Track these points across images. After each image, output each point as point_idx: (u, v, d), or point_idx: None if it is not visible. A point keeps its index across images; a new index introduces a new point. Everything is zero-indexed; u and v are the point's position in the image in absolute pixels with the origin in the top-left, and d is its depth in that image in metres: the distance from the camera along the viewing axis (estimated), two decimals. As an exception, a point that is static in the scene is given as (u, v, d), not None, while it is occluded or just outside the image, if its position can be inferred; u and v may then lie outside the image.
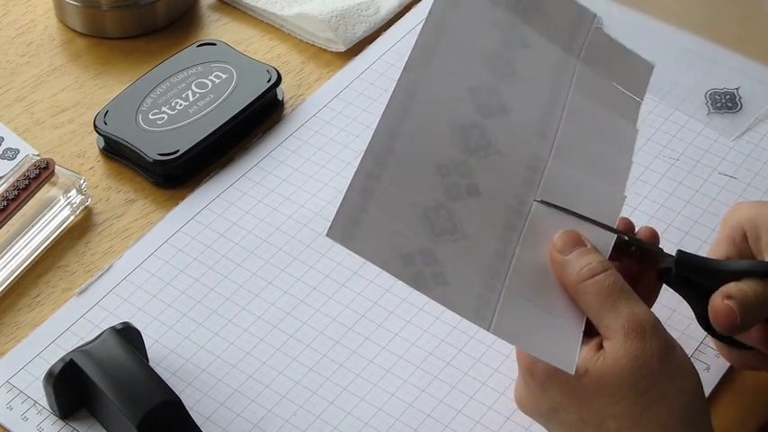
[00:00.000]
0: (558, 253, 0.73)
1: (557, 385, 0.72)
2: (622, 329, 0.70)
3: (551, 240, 0.74)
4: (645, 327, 0.70)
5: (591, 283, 0.72)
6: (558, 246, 0.74)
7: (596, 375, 0.70)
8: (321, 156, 0.96)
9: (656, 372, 0.70)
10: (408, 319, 0.86)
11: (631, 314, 0.71)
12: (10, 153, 0.96)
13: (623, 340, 0.70)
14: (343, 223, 0.71)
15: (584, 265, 0.72)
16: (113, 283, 0.88)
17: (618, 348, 0.70)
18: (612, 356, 0.70)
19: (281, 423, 0.81)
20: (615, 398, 0.70)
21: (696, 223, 0.91)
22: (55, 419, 0.81)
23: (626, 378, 0.70)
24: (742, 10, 1.09)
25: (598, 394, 0.71)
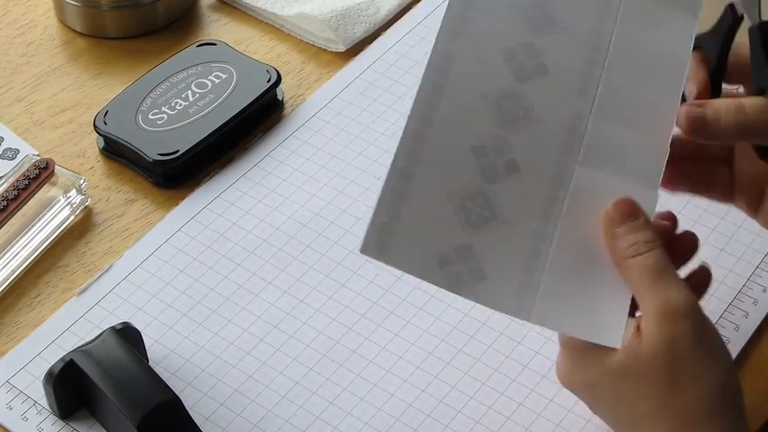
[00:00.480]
0: (610, 224, 0.73)
1: (594, 362, 0.72)
2: (657, 312, 0.71)
3: (605, 209, 0.73)
4: (678, 311, 0.71)
5: (633, 261, 0.72)
6: (611, 216, 0.74)
7: (631, 355, 0.71)
8: (321, 156, 0.96)
9: (687, 357, 0.70)
10: (408, 318, 0.86)
11: (666, 297, 0.71)
12: (10, 153, 0.96)
13: (656, 323, 0.70)
14: (375, 236, 0.70)
15: (631, 243, 0.72)
16: (113, 283, 0.88)
17: (653, 331, 0.71)
18: (647, 339, 0.71)
19: (281, 423, 0.81)
20: (647, 379, 0.71)
21: (696, 223, 0.91)
22: (55, 419, 0.81)
23: (657, 361, 0.70)
24: (742, 10, 1.08)
25: (632, 374, 0.71)
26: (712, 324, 0.72)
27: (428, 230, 0.71)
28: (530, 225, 0.73)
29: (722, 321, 0.85)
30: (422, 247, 0.71)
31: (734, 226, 0.91)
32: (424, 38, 1.05)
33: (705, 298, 0.86)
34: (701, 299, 0.77)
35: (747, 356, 0.84)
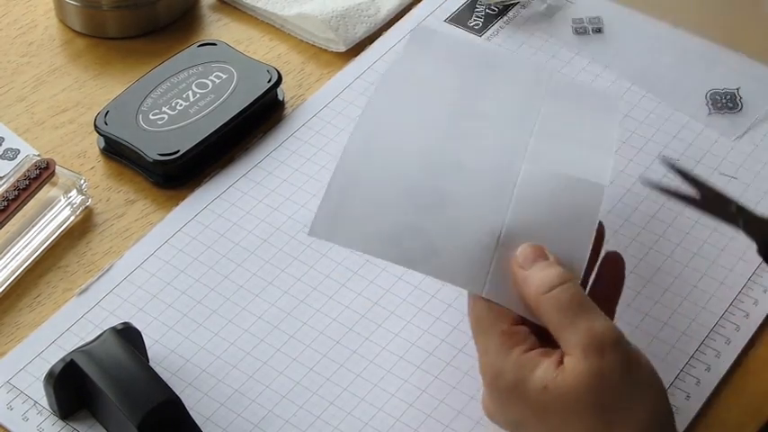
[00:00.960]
0: (520, 268, 0.73)
1: (518, 400, 0.71)
2: (580, 346, 0.69)
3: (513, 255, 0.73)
4: (603, 343, 0.69)
5: (548, 297, 0.71)
6: (520, 260, 0.73)
7: (556, 392, 0.70)
8: (321, 156, 0.96)
9: (616, 389, 0.69)
10: (408, 319, 0.86)
11: (590, 330, 0.69)
12: (10, 153, 0.96)
13: (582, 357, 0.69)
14: (324, 219, 0.73)
15: (542, 279, 0.71)
16: (114, 283, 0.88)
17: (576, 365, 0.69)
18: (572, 373, 0.69)
19: (281, 423, 0.81)
20: (575, 416, 0.69)
21: (696, 223, 0.91)
22: (55, 420, 0.81)
23: (585, 395, 0.69)
24: (742, 10, 1.09)
25: (558, 411, 0.70)
26: (638, 350, 0.71)
27: (379, 213, 0.74)
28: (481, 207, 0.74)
29: (723, 322, 0.85)
30: (373, 227, 0.73)
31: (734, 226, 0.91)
32: (425, 38, 1.05)
33: (705, 298, 0.86)
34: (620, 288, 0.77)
35: (747, 357, 0.84)
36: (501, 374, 0.71)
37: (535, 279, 0.72)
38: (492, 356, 0.72)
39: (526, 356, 0.71)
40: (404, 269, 0.88)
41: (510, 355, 0.71)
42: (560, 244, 0.74)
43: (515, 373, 0.71)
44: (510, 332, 0.72)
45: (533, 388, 0.70)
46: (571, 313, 0.70)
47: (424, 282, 0.88)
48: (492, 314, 0.73)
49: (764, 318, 0.86)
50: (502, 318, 0.73)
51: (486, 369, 0.73)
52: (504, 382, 0.71)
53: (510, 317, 0.73)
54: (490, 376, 0.72)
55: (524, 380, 0.71)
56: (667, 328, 0.85)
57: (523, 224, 0.74)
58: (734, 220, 0.75)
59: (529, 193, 0.75)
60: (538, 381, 0.70)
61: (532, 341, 0.72)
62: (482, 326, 0.73)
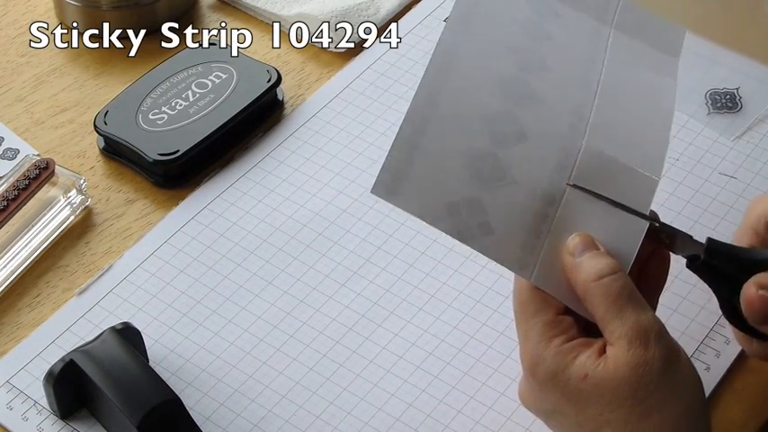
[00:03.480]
0: (570, 256, 0.73)
1: (556, 388, 0.72)
2: (626, 337, 0.70)
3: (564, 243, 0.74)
4: (649, 335, 0.70)
5: (598, 285, 0.71)
6: (570, 249, 0.73)
7: (595, 381, 0.70)
8: (321, 156, 0.96)
9: (655, 381, 0.69)
10: (408, 319, 0.86)
11: (636, 321, 0.70)
12: (10, 153, 0.96)
13: (626, 348, 0.70)
14: (388, 179, 0.72)
15: (593, 268, 0.72)
16: (113, 283, 0.88)
17: (620, 355, 0.70)
18: (614, 363, 0.70)
19: (281, 423, 0.81)
20: (612, 405, 0.70)
21: (696, 223, 0.91)
22: (55, 419, 0.81)
23: (625, 386, 0.69)
24: (742, 10, 1.09)
25: (595, 400, 0.70)
26: (680, 347, 0.72)
27: (440, 180, 0.73)
28: (537, 189, 0.74)
29: (722, 321, 0.85)
30: (433, 195, 0.73)
31: (734, 226, 0.91)
32: (425, 38, 1.05)
33: (705, 298, 0.86)
34: (663, 282, 0.77)
35: (747, 356, 0.84)
36: (541, 362, 0.71)
37: (585, 267, 0.72)
38: (533, 344, 0.72)
39: (568, 345, 0.71)
40: (403, 269, 0.88)
41: (551, 344, 0.72)
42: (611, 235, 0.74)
43: (556, 362, 0.71)
44: (554, 321, 0.72)
45: (573, 376, 0.70)
46: (619, 303, 0.71)
47: (425, 281, 0.88)
48: (537, 302, 0.73)
49: (764, 317, 0.86)
50: (547, 306, 0.73)
51: (526, 356, 0.73)
52: (544, 370, 0.71)
53: (555, 306, 0.73)
54: (530, 363, 0.72)
55: (565, 368, 0.71)
56: (667, 327, 0.85)
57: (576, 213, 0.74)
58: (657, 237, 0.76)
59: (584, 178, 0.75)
60: (578, 369, 0.70)
61: (574, 332, 0.72)
62: (526, 313, 0.73)
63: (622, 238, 0.74)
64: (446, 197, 0.73)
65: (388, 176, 0.72)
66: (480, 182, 0.74)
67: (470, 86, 0.76)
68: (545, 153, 0.75)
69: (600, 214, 0.75)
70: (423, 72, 0.75)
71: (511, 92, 0.76)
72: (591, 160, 0.76)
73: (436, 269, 0.89)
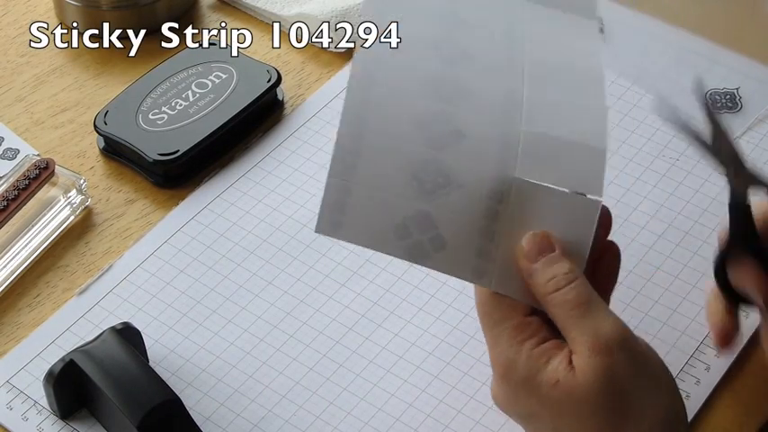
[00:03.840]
0: (525, 260, 0.71)
1: (530, 393, 0.70)
2: (587, 345, 0.68)
3: (518, 245, 0.71)
4: (610, 343, 0.68)
5: (556, 296, 0.70)
6: (526, 251, 0.71)
7: (566, 389, 0.69)
8: (321, 156, 0.96)
9: (626, 389, 0.68)
10: (408, 319, 0.86)
11: (595, 331, 0.69)
12: (10, 153, 0.96)
13: (588, 356, 0.68)
14: (329, 214, 0.70)
15: (549, 278, 0.70)
16: (113, 283, 0.88)
17: (584, 365, 0.68)
18: (580, 372, 0.68)
19: (281, 423, 0.81)
20: (586, 414, 0.69)
21: (696, 223, 0.91)
22: (55, 419, 0.81)
23: (596, 395, 0.68)
24: (742, 10, 1.09)
25: (569, 408, 0.69)
26: (647, 346, 0.71)
27: (383, 203, 0.71)
28: (484, 187, 0.71)
29: (722, 321, 0.85)
30: (378, 220, 0.71)
31: (734, 226, 0.91)
32: (424, 38, 1.05)
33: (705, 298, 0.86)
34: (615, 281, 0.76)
35: (747, 356, 0.84)
36: (513, 367, 0.70)
37: (541, 277, 0.71)
38: (504, 349, 0.71)
39: (539, 350, 0.70)
40: (403, 269, 0.88)
41: (522, 349, 0.70)
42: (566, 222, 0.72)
43: (528, 367, 0.70)
44: (522, 324, 0.71)
45: (545, 382, 0.69)
46: (577, 312, 0.69)
47: (424, 281, 0.88)
48: (502, 307, 0.71)
49: (764, 317, 0.86)
50: (513, 310, 0.71)
51: (498, 361, 0.71)
52: (516, 375, 0.70)
53: (521, 308, 0.71)
54: (502, 368, 0.71)
55: (537, 373, 0.70)
56: (667, 327, 0.85)
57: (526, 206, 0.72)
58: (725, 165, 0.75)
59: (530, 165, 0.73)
60: (550, 375, 0.69)
61: (545, 333, 0.71)
62: (492, 319, 0.72)
63: (577, 222, 0.72)
64: (392, 219, 0.70)
65: (328, 211, 0.70)
66: (424, 194, 0.71)
67: (396, 94, 0.73)
68: (485, 148, 0.72)
69: (552, 202, 0.72)
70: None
71: (439, 90, 0.74)
72: (533, 145, 0.73)
73: (436, 269, 0.89)
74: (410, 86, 0.73)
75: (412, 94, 0.73)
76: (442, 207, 0.71)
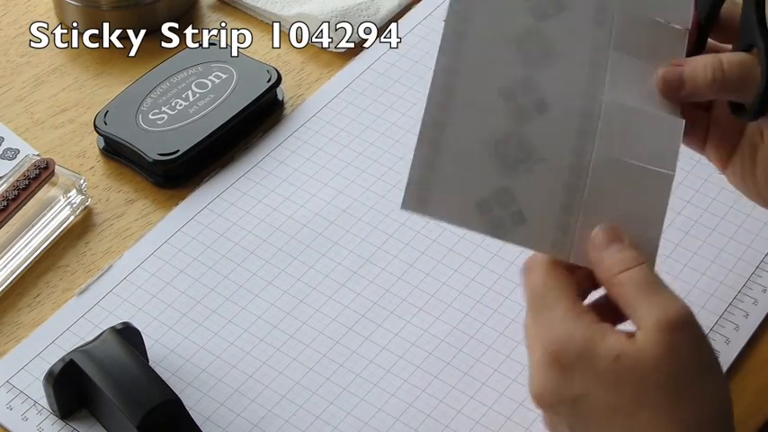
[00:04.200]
0: (595, 250, 0.72)
1: (585, 370, 0.69)
2: (654, 321, 0.68)
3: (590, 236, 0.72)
4: (678, 320, 0.68)
5: (624, 275, 0.70)
6: (595, 243, 0.72)
7: (631, 361, 0.68)
8: (321, 156, 0.96)
9: (687, 367, 0.68)
10: (408, 319, 0.86)
11: (664, 307, 0.69)
12: (10, 153, 0.96)
13: (655, 331, 0.68)
14: (416, 191, 0.71)
15: (618, 260, 0.71)
16: (113, 283, 0.88)
17: (650, 339, 0.68)
18: (645, 345, 0.68)
19: (281, 423, 0.81)
20: (647, 389, 0.68)
21: (696, 223, 0.91)
22: (55, 419, 0.81)
23: (658, 370, 0.68)
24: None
25: (632, 381, 0.68)
26: (707, 336, 0.71)
27: (466, 178, 0.72)
28: (564, 161, 0.73)
29: (722, 321, 0.85)
30: (461, 196, 0.72)
31: (734, 226, 0.91)
32: (425, 38, 1.05)
33: (705, 298, 0.86)
34: None
35: (747, 356, 0.84)
36: (570, 342, 0.69)
37: (610, 259, 0.71)
38: (558, 327, 0.70)
39: (597, 325, 0.69)
40: (403, 269, 0.88)
41: (580, 322, 0.69)
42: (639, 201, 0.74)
43: (585, 340, 0.69)
44: (576, 306, 0.70)
45: (604, 355, 0.68)
46: (645, 290, 0.70)
47: (424, 281, 0.88)
48: (555, 291, 0.71)
49: (764, 317, 0.86)
50: (565, 294, 0.71)
51: (551, 343, 0.70)
52: (573, 350, 0.69)
53: (573, 292, 0.71)
54: (556, 347, 0.69)
55: (595, 347, 0.69)
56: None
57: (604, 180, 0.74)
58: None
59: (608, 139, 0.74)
60: (610, 348, 0.68)
61: (594, 315, 0.70)
62: (546, 303, 0.71)
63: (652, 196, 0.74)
64: (476, 195, 0.72)
65: (415, 188, 0.71)
66: (507, 168, 0.73)
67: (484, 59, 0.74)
68: (567, 120, 0.74)
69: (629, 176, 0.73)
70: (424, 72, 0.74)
71: (527, 51, 0.74)
72: (613, 118, 0.74)
73: (436, 269, 0.89)
74: (498, 48, 0.74)
75: (500, 55, 0.74)
76: (524, 183, 0.72)
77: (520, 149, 0.73)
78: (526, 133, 0.73)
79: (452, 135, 0.73)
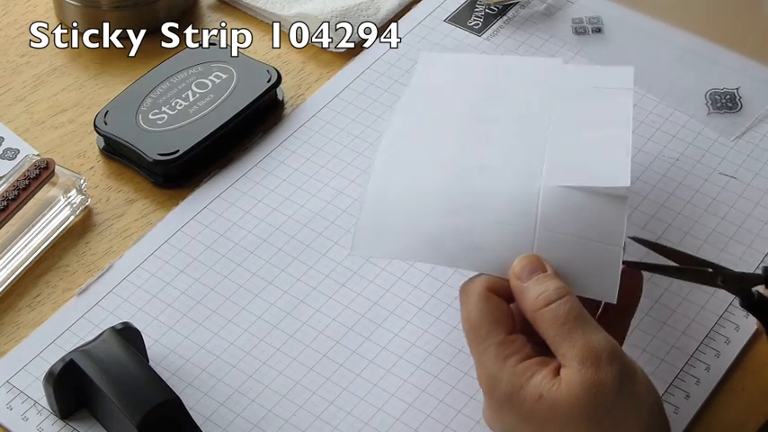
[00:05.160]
0: (517, 280, 0.73)
1: (512, 409, 0.71)
2: (577, 358, 0.70)
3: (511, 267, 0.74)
4: (600, 356, 0.70)
5: (546, 311, 0.71)
6: (517, 272, 0.74)
7: (550, 402, 0.70)
8: (321, 156, 0.96)
9: (610, 401, 0.69)
10: (408, 319, 0.86)
11: (587, 343, 0.70)
12: (10, 153, 0.96)
13: (578, 369, 0.69)
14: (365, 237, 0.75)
15: (540, 293, 0.72)
16: (113, 283, 0.88)
17: (573, 377, 0.69)
18: (567, 384, 0.69)
19: (281, 423, 0.81)
20: (568, 427, 0.70)
21: (696, 223, 0.91)
22: (55, 419, 0.81)
23: (580, 407, 0.69)
24: (742, 10, 1.09)
25: (551, 421, 0.70)
26: (635, 363, 0.72)
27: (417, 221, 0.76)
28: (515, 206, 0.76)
29: (722, 321, 0.85)
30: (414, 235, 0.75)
31: (734, 226, 0.91)
32: (425, 38, 1.05)
33: (705, 298, 0.86)
34: (636, 302, 0.78)
35: (747, 356, 0.84)
36: (497, 383, 0.72)
37: (532, 292, 0.72)
38: (488, 366, 0.72)
39: (522, 365, 0.72)
40: (403, 269, 0.88)
41: (506, 364, 0.72)
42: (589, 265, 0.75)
43: (511, 382, 0.71)
44: (507, 341, 0.72)
45: (529, 397, 0.71)
46: (568, 327, 0.71)
47: (424, 281, 0.88)
48: (487, 324, 0.73)
49: (764, 317, 0.86)
50: (498, 327, 0.73)
51: (483, 378, 0.73)
52: (500, 391, 0.72)
53: (506, 326, 0.73)
54: (487, 386, 0.73)
55: (520, 389, 0.71)
56: (667, 327, 0.85)
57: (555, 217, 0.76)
58: (713, 282, 0.77)
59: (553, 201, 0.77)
60: (533, 390, 0.70)
61: (528, 350, 0.73)
62: (478, 336, 0.73)
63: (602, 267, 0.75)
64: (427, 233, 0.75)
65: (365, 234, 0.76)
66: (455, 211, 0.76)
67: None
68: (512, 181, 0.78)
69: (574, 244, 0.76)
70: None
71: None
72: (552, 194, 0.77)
73: (436, 269, 0.89)
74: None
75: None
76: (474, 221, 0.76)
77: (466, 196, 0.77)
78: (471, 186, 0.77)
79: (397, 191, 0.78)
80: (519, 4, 1.07)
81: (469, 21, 1.07)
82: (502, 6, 1.07)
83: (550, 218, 0.75)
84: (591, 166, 0.78)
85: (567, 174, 0.77)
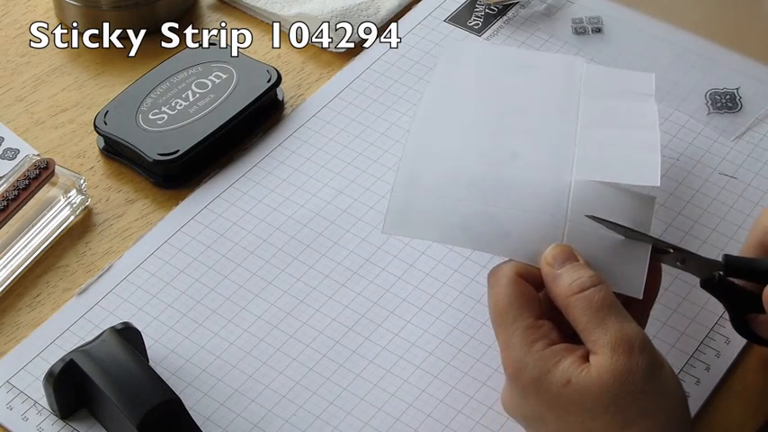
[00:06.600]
0: (549, 267, 0.73)
1: (537, 394, 0.71)
2: (610, 345, 0.70)
3: (543, 254, 0.75)
4: (633, 344, 0.70)
5: (580, 297, 0.71)
6: (549, 260, 0.74)
7: (578, 387, 0.70)
8: (321, 156, 0.96)
9: (638, 389, 0.69)
10: (408, 319, 0.86)
11: (620, 330, 0.70)
12: (10, 153, 0.96)
13: (610, 355, 0.69)
14: (396, 216, 0.77)
15: (574, 279, 0.72)
16: (113, 283, 0.88)
17: (604, 363, 0.69)
18: (597, 371, 0.70)
19: (281, 423, 0.81)
20: (594, 413, 0.70)
21: (696, 223, 0.91)
22: (55, 419, 0.81)
23: (607, 394, 0.69)
24: (742, 10, 1.09)
25: (577, 407, 0.70)
26: (663, 358, 0.72)
27: (447, 205, 0.77)
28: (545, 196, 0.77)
29: (722, 321, 0.85)
30: (444, 218, 0.77)
31: (734, 226, 0.91)
32: (425, 38, 1.05)
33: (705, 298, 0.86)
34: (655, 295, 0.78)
35: (747, 356, 0.84)
36: (524, 368, 0.71)
37: (566, 279, 0.72)
38: (515, 350, 0.72)
39: (550, 350, 0.71)
40: (403, 269, 0.88)
41: (533, 349, 0.71)
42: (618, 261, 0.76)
43: (538, 367, 0.71)
44: (534, 326, 0.72)
45: (556, 382, 0.70)
46: (602, 313, 0.71)
47: (425, 281, 0.88)
48: (515, 308, 0.73)
49: (764, 317, 0.86)
50: (526, 312, 0.73)
51: (508, 363, 0.73)
52: (527, 376, 0.71)
53: (534, 311, 0.73)
54: (513, 370, 0.72)
55: (547, 373, 0.71)
56: (667, 327, 0.85)
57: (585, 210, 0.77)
58: (672, 261, 0.78)
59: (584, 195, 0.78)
60: (561, 375, 0.70)
61: (555, 336, 0.72)
62: (506, 320, 0.73)
63: (629, 262, 0.76)
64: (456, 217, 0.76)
65: (395, 211, 0.77)
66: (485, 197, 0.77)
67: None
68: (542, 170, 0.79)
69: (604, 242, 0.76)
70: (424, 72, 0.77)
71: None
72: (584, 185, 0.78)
73: (436, 269, 0.89)
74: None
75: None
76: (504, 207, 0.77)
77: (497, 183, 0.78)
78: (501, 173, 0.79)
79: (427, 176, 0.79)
80: (519, 4, 1.08)
81: (469, 21, 1.07)
82: (502, 6, 1.07)
83: (580, 211, 0.76)
84: (622, 164, 0.79)
85: (598, 169, 0.78)
